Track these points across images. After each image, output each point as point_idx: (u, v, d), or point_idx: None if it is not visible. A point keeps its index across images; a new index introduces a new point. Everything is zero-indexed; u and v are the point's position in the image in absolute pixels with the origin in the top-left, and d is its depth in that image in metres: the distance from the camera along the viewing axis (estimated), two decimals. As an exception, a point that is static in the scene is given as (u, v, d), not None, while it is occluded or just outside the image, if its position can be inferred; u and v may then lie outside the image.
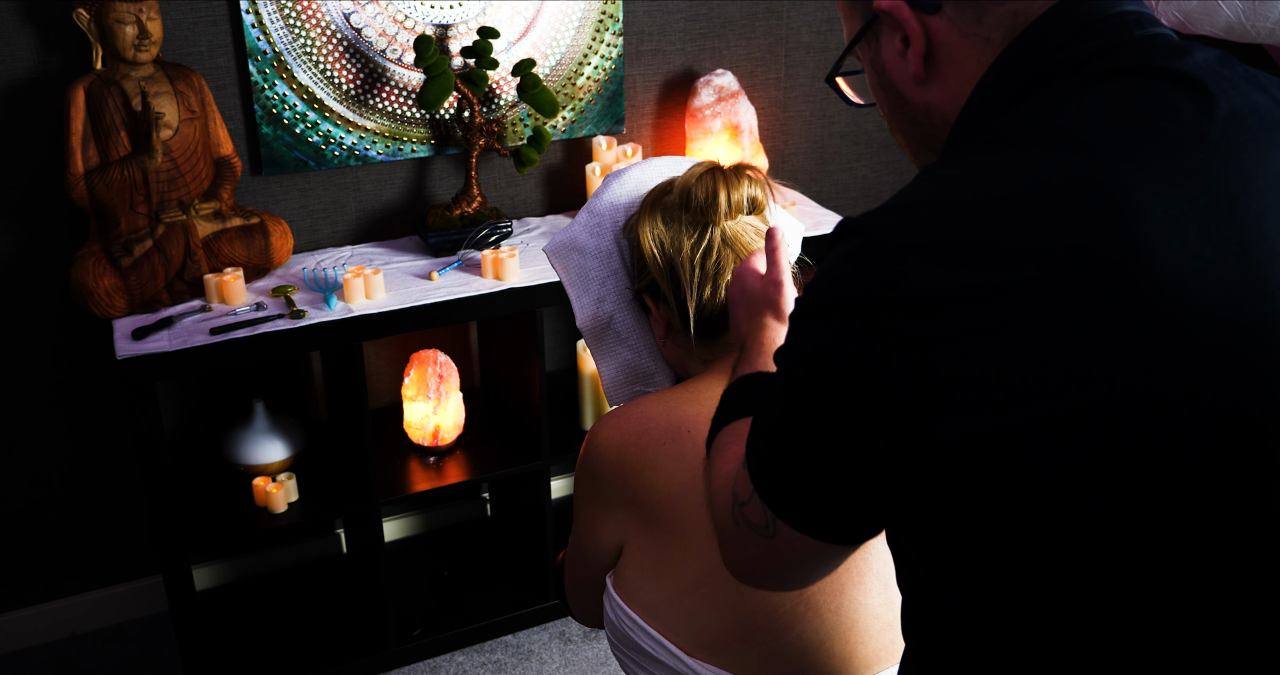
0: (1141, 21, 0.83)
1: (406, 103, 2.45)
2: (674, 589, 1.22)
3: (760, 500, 0.86)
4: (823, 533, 0.84)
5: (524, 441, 2.51)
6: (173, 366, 2.04)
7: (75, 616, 2.58)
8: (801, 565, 0.89)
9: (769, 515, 0.85)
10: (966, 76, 0.85)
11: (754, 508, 0.87)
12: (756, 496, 0.86)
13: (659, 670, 1.25)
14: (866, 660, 1.21)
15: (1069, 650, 0.77)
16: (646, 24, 2.63)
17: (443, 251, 2.42)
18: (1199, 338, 0.72)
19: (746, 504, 0.88)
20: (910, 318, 0.73)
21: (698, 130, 2.61)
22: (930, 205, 0.76)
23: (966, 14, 0.84)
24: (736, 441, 1.02)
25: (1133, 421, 0.72)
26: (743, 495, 0.89)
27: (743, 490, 0.89)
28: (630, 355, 1.41)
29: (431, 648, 2.52)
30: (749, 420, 1.06)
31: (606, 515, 1.28)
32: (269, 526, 2.24)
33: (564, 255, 1.43)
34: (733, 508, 0.92)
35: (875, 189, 3.09)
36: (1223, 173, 0.76)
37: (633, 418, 1.27)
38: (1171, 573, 0.74)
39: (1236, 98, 0.79)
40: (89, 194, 2.10)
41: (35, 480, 2.44)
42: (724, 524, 0.95)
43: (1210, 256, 0.73)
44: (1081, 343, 0.71)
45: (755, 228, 1.32)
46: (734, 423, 1.06)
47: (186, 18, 2.24)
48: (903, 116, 0.92)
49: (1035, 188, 0.74)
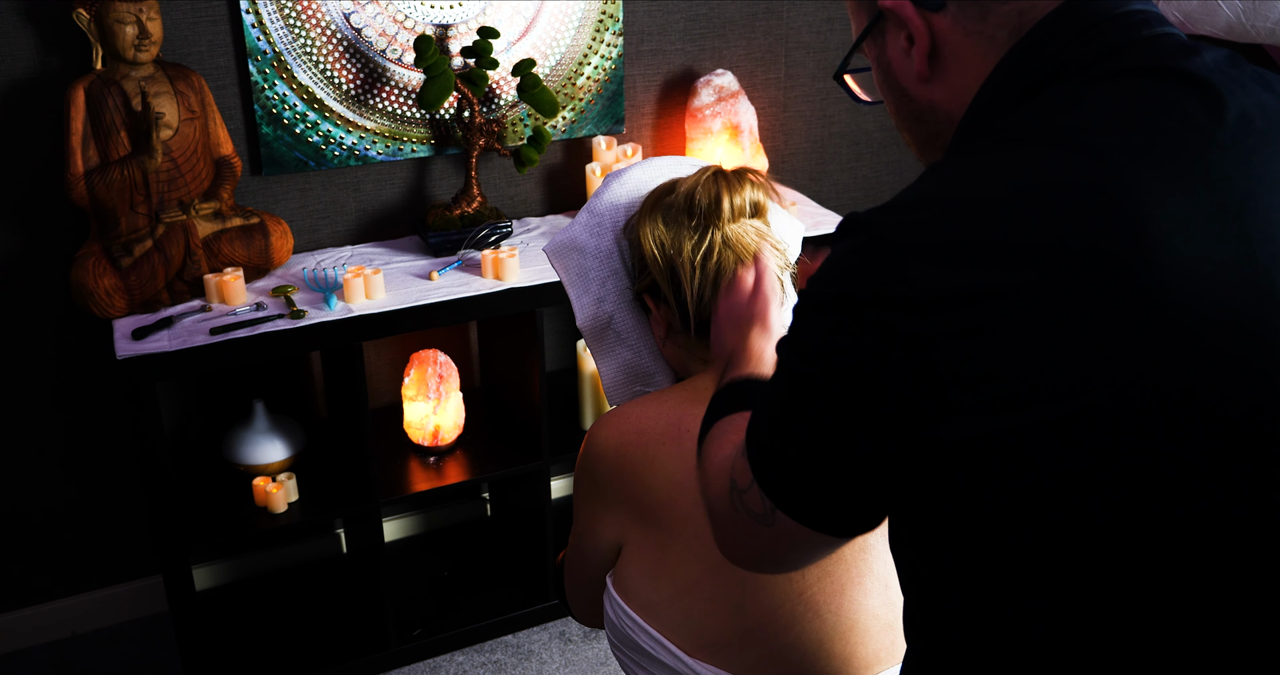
0: (1149, 21, 0.83)
1: (406, 103, 2.45)
2: (674, 588, 1.22)
3: (760, 490, 0.86)
4: (822, 525, 0.84)
5: (524, 441, 2.51)
6: (173, 366, 2.04)
7: (75, 616, 2.58)
8: (797, 551, 0.89)
9: (768, 505, 0.86)
10: (972, 75, 0.85)
11: (753, 496, 0.88)
12: (756, 485, 0.87)
13: (659, 670, 1.25)
14: (866, 661, 1.21)
15: (1069, 650, 0.77)
16: (646, 24, 2.63)
17: (443, 251, 2.42)
18: (1202, 339, 0.72)
19: (745, 492, 0.89)
20: (913, 316, 0.73)
21: (698, 130, 2.61)
22: (935, 204, 0.76)
23: (970, 12, 0.84)
24: (735, 430, 1.02)
25: (1134, 422, 0.71)
26: (742, 483, 0.90)
27: (742, 478, 0.89)
28: (630, 355, 1.41)
29: (431, 648, 2.52)
30: (745, 414, 1.07)
31: (606, 515, 1.28)
32: (269, 526, 2.24)
33: (564, 255, 1.43)
34: (730, 493, 0.92)
35: (875, 189, 3.09)
36: (1231, 174, 0.75)
37: (632, 417, 1.27)
38: (1172, 573, 0.74)
39: (1245, 98, 0.79)
40: (89, 194, 2.10)
41: (35, 480, 2.44)
42: (719, 507, 0.95)
43: (1217, 258, 0.73)
44: (1084, 343, 0.71)
45: (756, 229, 1.32)
46: (728, 417, 1.07)
47: (186, 18, 2.24)
48: (909, 114, 0.92)
49: (1040, 188, 0.74)
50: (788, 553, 0.90)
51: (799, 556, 0.91)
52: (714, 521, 0.97)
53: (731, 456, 0.96)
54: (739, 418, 1.05)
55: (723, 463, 0.98)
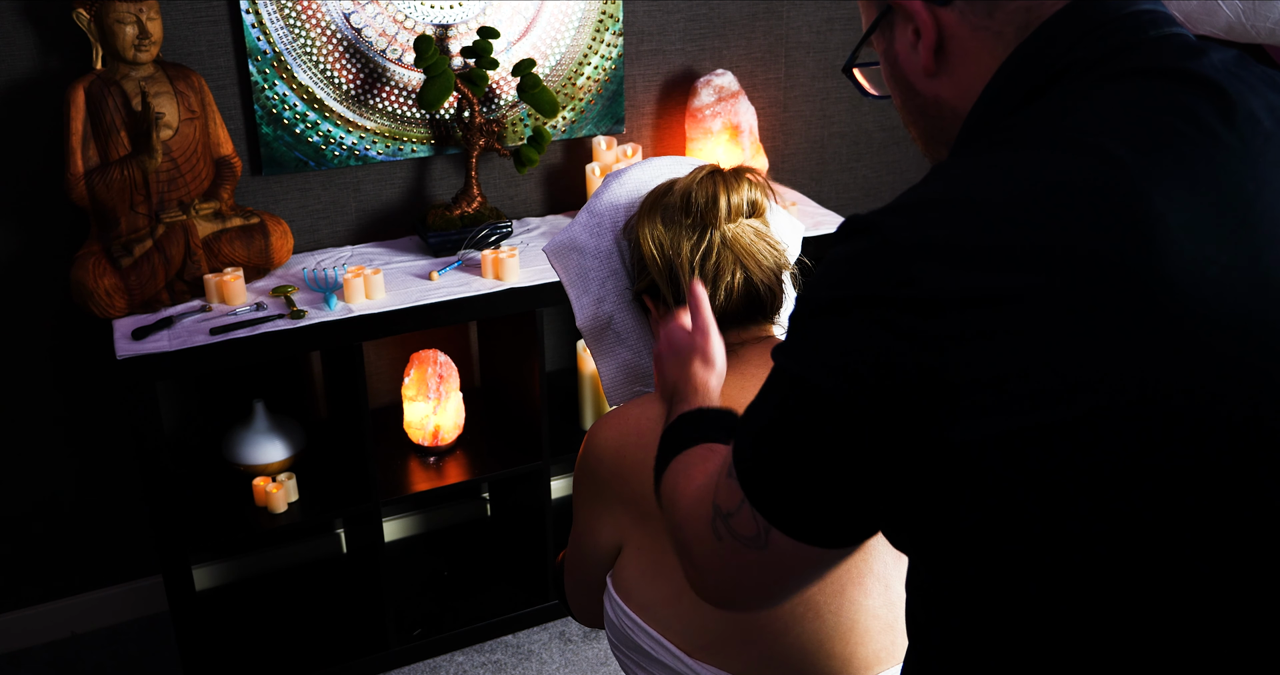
0: (1157, 21, 0.82)
1: (406, 103, 2.45)
2: (673, 589, 1.22)
3: (751, 509, 0.84)
4: (819, 536, 0.82)
5: (524, 441, 2.51)
6: (173, 366, 2.04)
7: (75, 616, 2.58)
8: (789, 576, 0.86)
9: (760, 524, 0.83)
10: (978, 71, 0.85)
11: (742, 519, 0.85)
12: (746, 506, 0.84)
13: (659, 670, 1.25)
14: (866, 661, 1.21)
15: (1075, 652, 0.77)
16: (646, 24, 2.63)
17: (443, 251, 2.42)
18: (1211, 343, 0.71)
19: (733, 515, 0.86)
20: (921, 318, 0.72)
21: (698, 130, 2.61)
22: (943, 206, 0.75)
23: (977, 8, 0.83)
24: (700, 460, 1.00)
25: (1141, 427, 0.71)
26: (728, 506, 0.87)
27: (727, 501, 0.87)
28: (630, 355, 1.41)
29: (431, 648, 2.52)
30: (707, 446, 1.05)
31: (606, 515, 1.28)
32: (269, 526, 2.24)
33: (564, 255, 1.43)
34: (714, 521, 0.89)
35: (875, 189, 3.09)
36: (1239, 175, 0.75)
37: (632, 418, 1.27)
38: (1178, 577, 0.74)
39: (1254, 100, 0.78)
40: (89, 194, 2.10)
41: (35, 480, 2.44)
42: (699, 541, 0.91)
43: (1225, 261, 0.72)
44: (1091, 346, 0.70)
45: (755, 229, 1.32)
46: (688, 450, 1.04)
47: (186, 18, 2.24)
48: (914, 108, 0.92)
49: (1049, 190, 0.73)
50: (778, 579, 0.87)
51: (790, 582, 0.88)
52: (690, 560, 0.93)
53: (707, 486, 0.93)
54: (700, 450, 1.03)
55: (697, 493, 0.94)
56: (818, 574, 0.87)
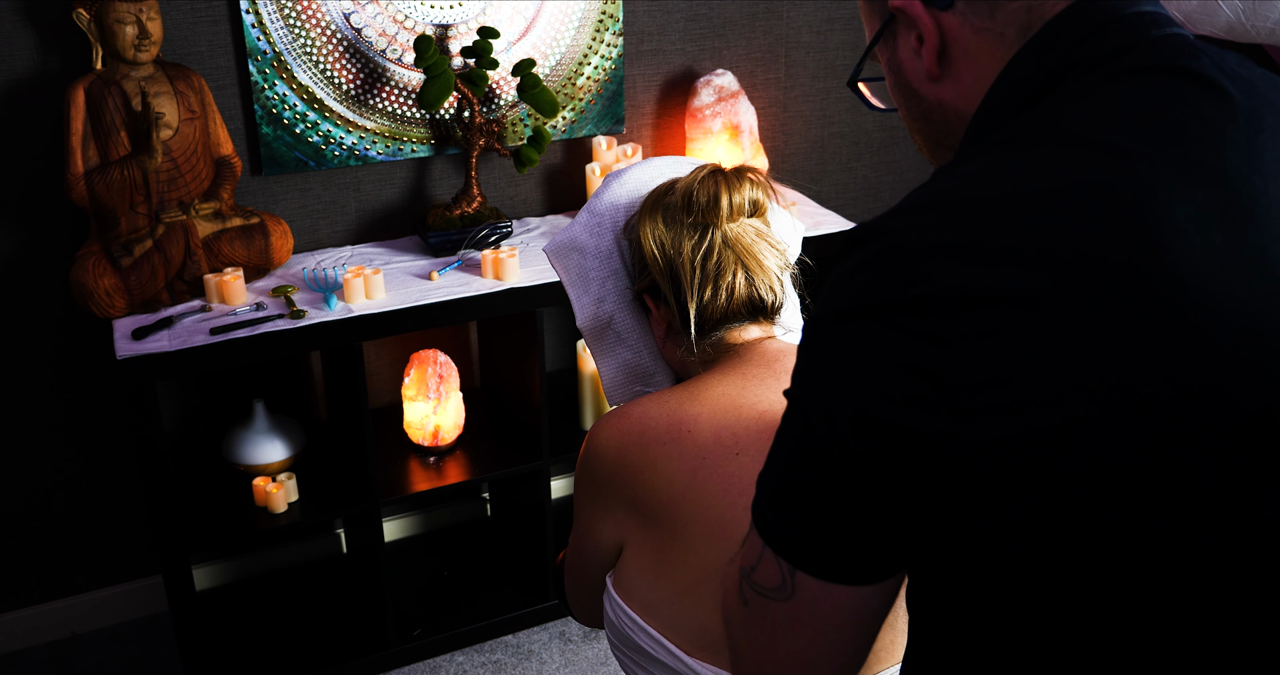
0: (1159, 22, 0.82)
1: (406, 103, 2.45)
2: (674, 589, 1.22)
3: (772, 553, 0.82)
4: (843, 571, 0.80)
5: (524, 441, 2.51)
6: (173, 366, 2.04)
7: (75, 616, 2.58)
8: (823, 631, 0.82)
9: (784, 569, 0.82)
10: (981, 73, 0.85)
11: (766, 569, 0.83)
12: (767, 552, 0.82)
13: (659, 670, 1.25)
14: (866, 660, 1.21)
15: (1079, 652, 0.77)
16: (646, 24, 2.63)
17: (443, 251, 2.42)
18: (1220, 341, 0.71)
19: (756, 568, 0.84)
20: (933, 317, 0.72)
21: (698, 130, 2.61)
22: (951, 205, 0.75)
23: (978, 10, 0.83)
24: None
25: (1151, 426, 0.71)
26: (750, 560, 0.85)
27: (749, 556, 0.85)
28: (630, 355, 1.41)
29: (431, 648, 2.52)
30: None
31: (606, 515, 1.28)
32: (269, 526, 2.24)
33: (564, 255, 1.43)
34: (740, 585, 0.86)
35: (875, 189, 3.09)
36: (1244, 171, 0.75)
37: (633, 418, 1.27)
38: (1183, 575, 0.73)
39: (1256, 98, 0.79)
40: (89, 194, 2.10)
41: (35, 480, 2.44)
42: (732, 614, 0.88)
43: (1231, 258, 0.72)
44: (1099, 343, 0.70)
45: (756, 229, 1.32)
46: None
47: (186, 18, 2.24)
48: (919, 114, 0.91)
49: (1056, 188, 0.73)
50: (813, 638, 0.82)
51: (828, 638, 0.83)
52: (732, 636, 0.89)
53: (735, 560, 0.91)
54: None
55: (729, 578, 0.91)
56: (855, 628, 0.83)
